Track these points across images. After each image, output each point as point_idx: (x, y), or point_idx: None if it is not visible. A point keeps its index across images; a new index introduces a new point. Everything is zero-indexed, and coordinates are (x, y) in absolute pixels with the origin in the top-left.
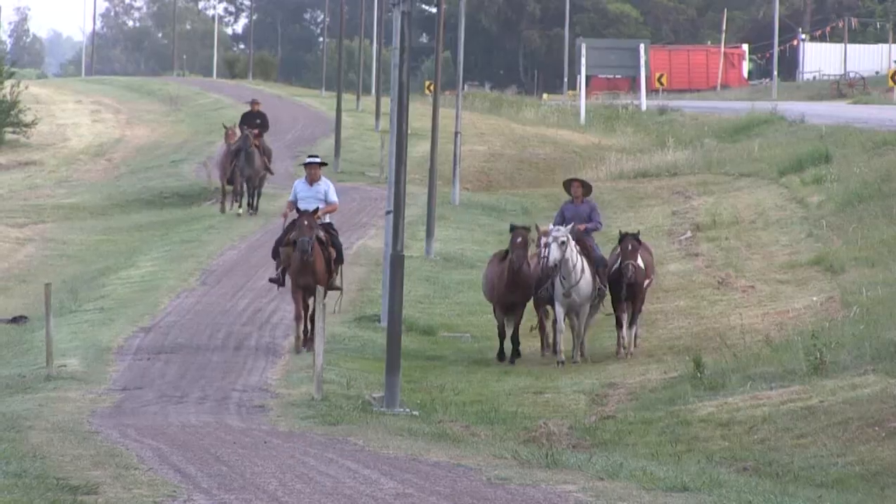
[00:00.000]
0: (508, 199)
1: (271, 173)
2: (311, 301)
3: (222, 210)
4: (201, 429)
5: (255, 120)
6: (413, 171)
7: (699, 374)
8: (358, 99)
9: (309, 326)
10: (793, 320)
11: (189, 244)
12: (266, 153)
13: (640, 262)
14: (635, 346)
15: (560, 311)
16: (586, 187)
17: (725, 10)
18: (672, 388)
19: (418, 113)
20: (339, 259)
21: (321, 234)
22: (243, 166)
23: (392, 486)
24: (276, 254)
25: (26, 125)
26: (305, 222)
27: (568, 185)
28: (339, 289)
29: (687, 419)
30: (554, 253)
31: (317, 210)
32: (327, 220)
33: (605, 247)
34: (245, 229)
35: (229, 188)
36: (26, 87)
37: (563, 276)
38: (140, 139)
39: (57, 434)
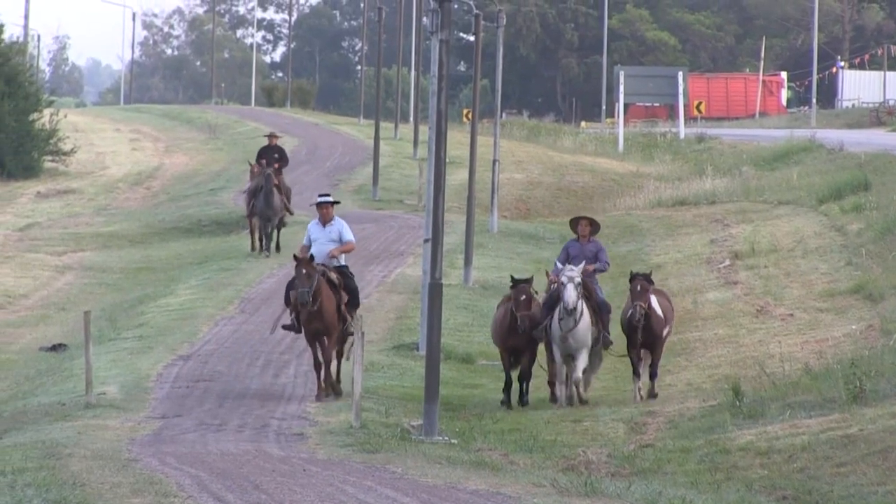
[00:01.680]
0: (546, 227)
1: (290, 213)
2: (323, 349)
3: (252, 248)
4: (240, 457)
5: (273, 154)
6: (451, 199)
7: (738, 403)
8: (396, 127)
9: (332, 371)
10: (832, 348)
11: (227, 272)
12: (285, 192)
13: (655, 305)
14: (654, 396)
15: (558, 354)
16: (594, 226)
17: (764, 37)
18: (711, 416)
19: (456, 141)
20: (354, 303)
21: (333, 276)
22: (262, 207)
23: None
24: (287, 299)
25: (65, 153)
26: (303, 271)
27: (575, 223)
28: (353, 334)
29: (726, 447)
30: (572, 295)
31: (312, 258)
32: (342, 261)
33: (610, 281)
34: (284, 258)
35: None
36: (65, 116)
37: (561, 318)
38: (178, 167)
39: (96, 462)
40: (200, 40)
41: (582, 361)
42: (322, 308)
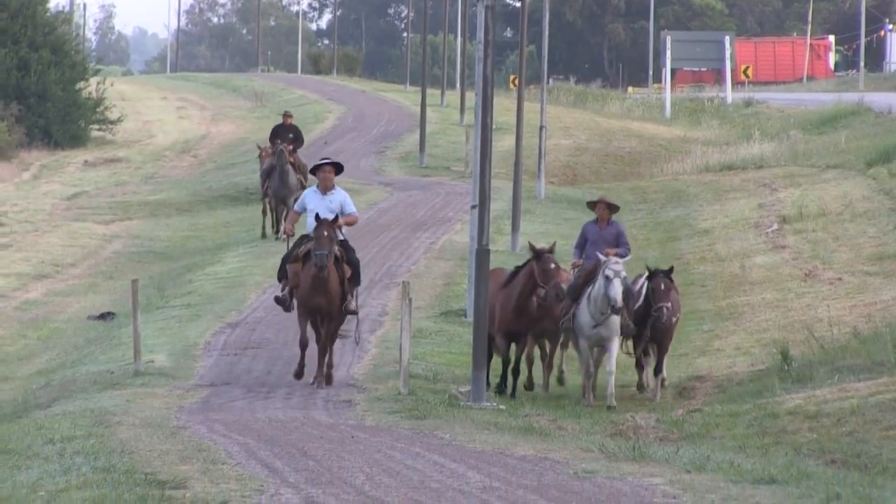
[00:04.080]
0: (594, 193)
1: None
2: (322, 328)
3: (263, 235)
4: (288, 423)
5: (287, 134)
6: (498, 166)
7: (786, 367)
8: (442, 94)
9: (325, 359)
10: (881, 312)
11: (275, 240)
12: (301, 171)
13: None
14: (662, 386)
15: (585, 345)
16: (612, 208)
17: (811, 0)
18: (759, 380)
19: (503, 107)
20: (356, 279)
21: (336, 250)
22: (277, 186)
23: (479, 479)
24: (282, 274)
25: (112, 122)
26: (325, 233)
27: (592, 206)
28: (356, 313)
29: (774, 412)
30: (619, 292)
31: (337, 218)
32: (343, 234)
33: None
34: None
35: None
36: (112, 85)
37: (599, 309)
38: (225, 135)
39: (145, 429)
40: (246, 8)
41: (615, 350)
42: (326, 282)
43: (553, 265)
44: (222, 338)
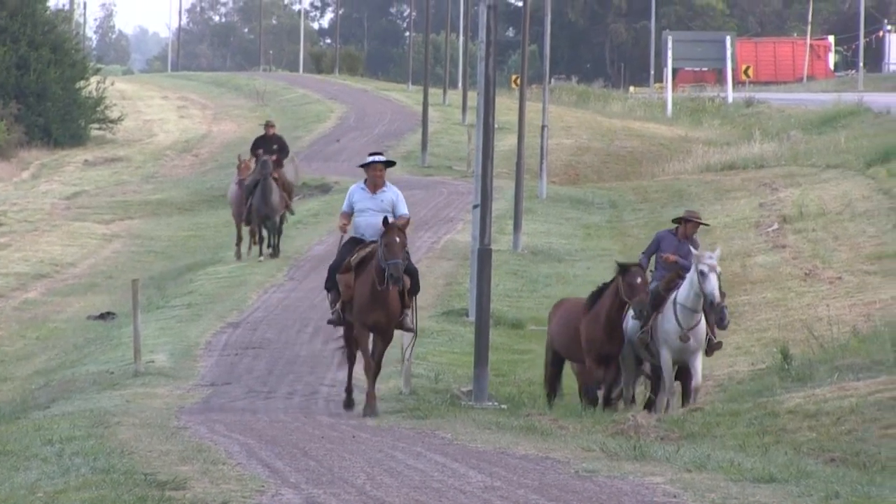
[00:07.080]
0: (596, 192)
1: (291, 213)
2: (379, 345)
3: (237, 255)
4: (289, 424)
5: (271, 145)
6: (500, 165)
7: (786, 366)
8: (444, 93)
9: (375, 383)
10: (880, 311)
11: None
12: (287, 188)
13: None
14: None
15: (668, 358)
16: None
17: (811, 1)
18: (760, 379)
19: (505, 107)
20: (415, 288)
21: None
22: (259, 204)
23: (480, 479)
24: (331, 284)
25: (112, 121)
26: (396, 239)
27: (682, 222)
28: (413, 330)
29: (774, 411)
30: (716, 285)
31: (408, 221)
32: None
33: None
34: (332, 224)
35: (247, 229)
36: (112, 84)
37: (691, 306)
38: (227, 135)
39: (145, 430)
40: (248, 7)
41: (700, 363)
42: (386, 296)
43: (640, 279)
44: (223, 338)
